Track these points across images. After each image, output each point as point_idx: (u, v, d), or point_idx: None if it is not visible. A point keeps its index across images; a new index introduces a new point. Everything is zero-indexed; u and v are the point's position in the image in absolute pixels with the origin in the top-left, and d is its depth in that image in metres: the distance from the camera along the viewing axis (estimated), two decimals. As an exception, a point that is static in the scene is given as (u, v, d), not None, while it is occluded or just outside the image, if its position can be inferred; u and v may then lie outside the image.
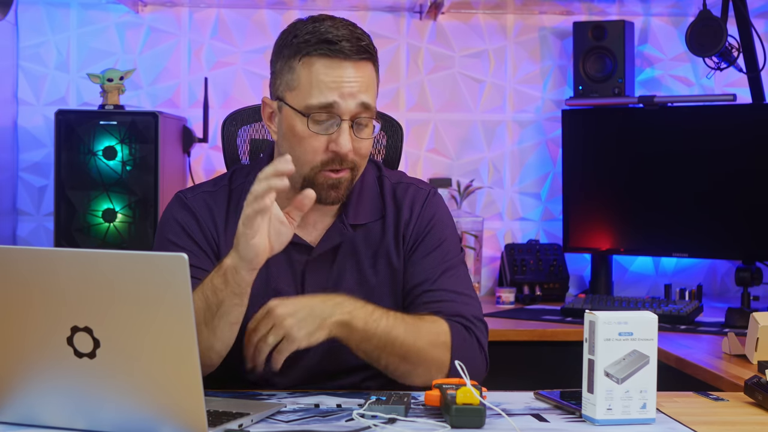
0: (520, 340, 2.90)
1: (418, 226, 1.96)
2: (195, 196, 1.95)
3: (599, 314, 1.58)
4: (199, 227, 1.92)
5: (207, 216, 1.92)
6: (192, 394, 1.41)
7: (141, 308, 1.40)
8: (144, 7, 3.54)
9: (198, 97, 3.50)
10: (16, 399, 1.50)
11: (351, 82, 1.82)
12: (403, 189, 1.99)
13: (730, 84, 3.57)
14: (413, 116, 3.62)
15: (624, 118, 3.44)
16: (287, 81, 1.85)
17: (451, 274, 1.94)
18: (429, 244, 1.95)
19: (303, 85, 1.83)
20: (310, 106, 1.82)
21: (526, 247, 3.56)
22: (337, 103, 1.81)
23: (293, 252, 1.90)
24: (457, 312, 1.89)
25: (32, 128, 3.51)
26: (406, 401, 1.61)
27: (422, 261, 1.94)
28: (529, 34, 3.66)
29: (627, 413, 1.59)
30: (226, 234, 1.91)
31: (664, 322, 2.92)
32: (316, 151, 1.83)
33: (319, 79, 1.82)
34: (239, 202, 1.87)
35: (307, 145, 1.83)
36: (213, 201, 1.94)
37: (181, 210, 1.93)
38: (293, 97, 1.84)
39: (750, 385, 1.77)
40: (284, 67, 1.86)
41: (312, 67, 1.83)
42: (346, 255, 1.93)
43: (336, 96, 1.81)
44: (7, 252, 1.47)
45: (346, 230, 1.92)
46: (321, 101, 1.81)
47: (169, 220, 1.94)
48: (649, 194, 3.36)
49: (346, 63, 1.82)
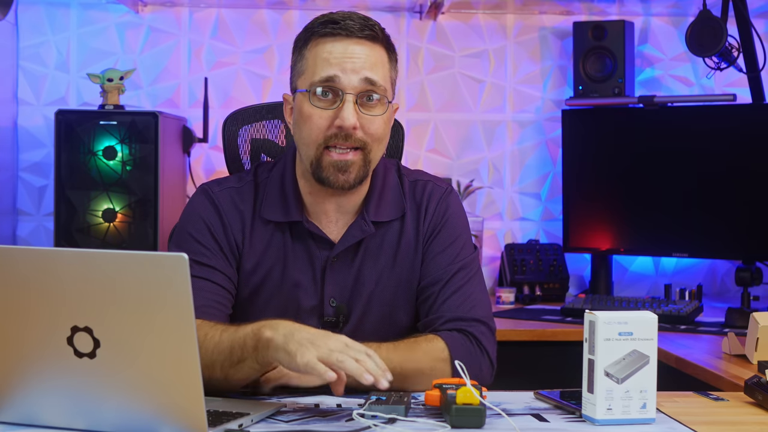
0: (520, 340, 2.90)
1: (433, 222, 1.95)
2: (222, 191, 1.94)
3: (599, 314, 1.58)
4: (222, 227, 1.91)
5: (232, 212, 1.92)
6: (192, 394, 1.41)
7: (141, 308, 1.40)
8: (144, 7, 3.54)
9: (198, 97, 3.50)
10: (16, 399, 1.50)
11: (354, 58, 1.82)
12: (421, 187, 1.98)
13: (730, 84, 3.57)
14: (413, 116, 3.62)
15: (624, 118, 3.44)
16: (298, 69, 1.88)
17: (464, 274, 1.92)
18: (442, 241, 1.94)
19: (309, 67, 1.85)
20: (313, 83, 1.83)
21: (526, 247, 3.56)
22: (338, 76, 1.81)
23: (314, 246, 1.90)
24: (459, 317, 1.87)
25: (32, 128, 3.51)
26: (406, 401, 1.61)
27: (435, 259, 1.93)
28: (529, 34, 3.66)
29: (627, 413, 1.59)
30: (252, 228, 1.91)
31: (664, 322, 2.93)
32: (321, 128, 1.83)
33: (323, 57, 1.83)
34: (264, 195, 1.91)
35: (313, 123, 1.83)
36: (239, 197, 1.93)
37: (208, 207, 1.92)
38: (302, 82, 1.86)
39: (750, 385, 1.77)
40: (297, 58, 1.88)
41: (317, 47, 1.84)
42: (366, 253, 1.93)
43: (337, 70, 1.81)
44: (7, 252, 1.47)
45: (368, 227, 1.91)
46: (322, 76, 1.82)
47: (192, 214, 1.92)
48: (649, 194, 3.36)
49: (350, 40, 1.83)
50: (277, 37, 3.58)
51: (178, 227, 1.95)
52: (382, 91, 1.84)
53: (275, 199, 1.92)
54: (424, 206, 1.96)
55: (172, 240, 1.94)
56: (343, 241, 1.91)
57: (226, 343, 1.70)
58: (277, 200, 1.92)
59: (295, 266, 1.90)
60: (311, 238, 1.90)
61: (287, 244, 1.91)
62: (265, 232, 1.92)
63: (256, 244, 1.91)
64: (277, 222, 1.91)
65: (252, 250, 1.91)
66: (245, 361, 1.67)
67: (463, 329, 1.86)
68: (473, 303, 1.90)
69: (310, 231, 1.90)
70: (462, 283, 1.91)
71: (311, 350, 1.56)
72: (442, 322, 1.88)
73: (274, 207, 1.92)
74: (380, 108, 1.85)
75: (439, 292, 1.90)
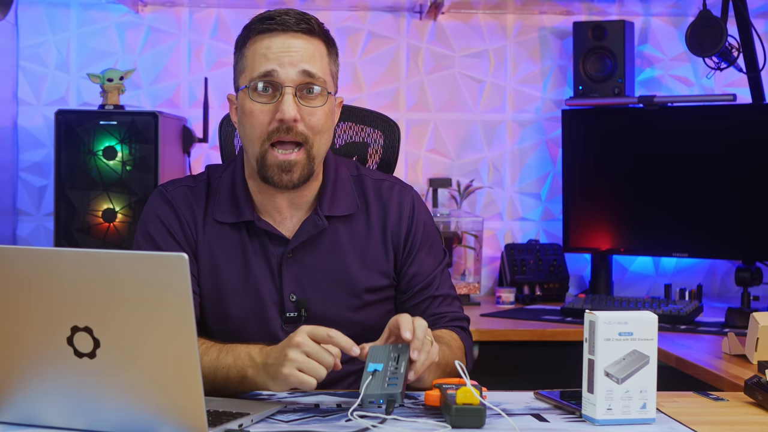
0: (520, 340, 2.90)
1: (414, 230, 1.99)
2: (175, 190, 1.97)
3: (599, 314, 1.58)
4: (179, 223, 1.94)
5: (187, 210, 1.95)
6: (192, 394, 1.41)
7: (141, 308, 1.40)
8: (144, 7, 3.54)
9: (198, 97, 3.50)
10: (16, 399, 1.50)
11: (291, 52, 1.84)
12: (388, 187, 2.01)
13: (730, 84, 3.57)
14: (413, 116, 3.62)
15: (624, 118, 3.44)
16: (240, 68, 1.90)
17: (445, 275, 2.03)
18: (425, 244, 2.00)
19: (249, 64, 1.87)
20: (252, 78, 1.85)
21: (526, 247, 3.56)
22: (276, 71, 1.83)
23: (269, 244, 1.92)
24: (459, 315, 2.02)
25: (32, 128, 3.51)
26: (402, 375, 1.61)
27: (422, 264, 1.99)
28: (529, 34, 3.66)
29: (627, 413, 1.59)
30: (205, 229, 1.93)
31: (664, 322, 2.93)
32: (263, 124, 1.84)
33: (261, 53, 1.85)
34: (215, 197, 1.95)
35: (255, 118, 1.85)
36: (193, 195, 1.96)
37: (163, 205, 1.95)
38: (243, 79, 1.88)
39: (750, 385, 1.77)
40: (238, 57, 1.91)
41: (255, 44, 1.87)
42: (322, 247, 1.94)
43: (275, 64, 1.83)
44: (7, 252, 1.47)
45: (321, 222, 1.92)
46: (261, 71, 1.84)
47: (150, 214, 1.96)
48: (649, 194, 3.36)
49: (286, 34, 1.85)
50: (277, 37, 3.57)
51: (138, 227, 1.98)
52: (322, 83, 1.86)
53: (226, 200, 1.94)
54: (395, 209, 1.98)
55: (135, 240, 1.97)
56: (297, 236, 1.92)
57: (207, 365, 1.74)
58: (228, 202, 1.94)
59: (254, 263, 1.92)
60: (266, 235, 1.92)
61: (245, 243, 1.93)
62: (220, 231, 1.93)
63: (212, 242, 1.93)
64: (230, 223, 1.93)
65: (207, 248, 1.93)
66: (229, 387, 1.73)
67: (464, 327, 2.01)
68: (459, 302, 2.05)
69: (263, 229, 1.91)
70: (449, 283, 2.04)
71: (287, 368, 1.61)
72: (447, 320, 1.99)
73: (225, 209, 1.94)
74: (320, 100, 1.86)
75: (434, 297, 1.99)
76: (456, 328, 1.99)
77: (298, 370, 1.61)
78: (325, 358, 1.61)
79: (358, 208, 1.97)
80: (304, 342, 1.62)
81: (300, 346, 1.62)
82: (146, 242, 1.93)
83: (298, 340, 1.62)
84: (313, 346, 1.62)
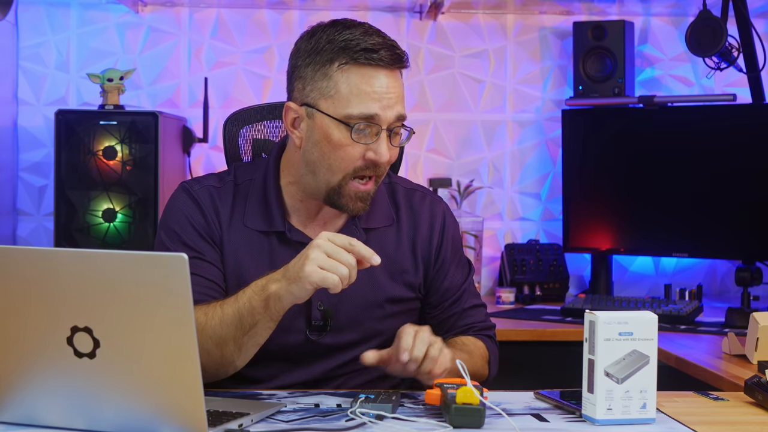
0: (520, 340, 2.90)
1: (444, 244, 2.00)
2: (201, 189, 1.94)
3: (599, 314, 1.58)
4: (204, 219, 1.91)
5: (211, 209, 1.92)
6: (192, 394, 1.41)
7: (141, 308, 1.40)
8: (144, 7, 3.54)
9: (198, 97, 3.50)
10: (16, 399, 1.50)
11: (390, 93, 1.81)
12: (419, 198, 2.01)
13: (730, 84, 3.57)
14: (413, 116, 3.62)
15: (624, 118, 3.44)
16: (321, 88, 1.82)
17: (472, 286, 2.06)
18: (454, 256, 2.02)
19: (342, 94, 1.80)
20: (351, 116, 1.80)
21: (526, 247, 3.56)
22: (378, 115, 1.80)
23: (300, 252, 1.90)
24: (486, 325, 2.05)
25: (32, 128, 3.51)
26: (394, 399, 1.63)
27: (453, 279, 2.01)
28: (529, 34, 3.66)
29: (627, 413, 1.59)
30: (230, 231, 1.91)
31: (664, 322, 2.93)
32: (353, 159, 1.82)
33: (361, 89, 1.80)
34: (245, 199, 1.92)
35: (345, 153, 1.82)
36: (218, 196, 1.93)
37: (188, 201, 1.92)
38: (330, 106, 1.81)
39: (750, 385, 1.77)
40: (317, 74, 1.82)
41: (351, 75, 1.80)
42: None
43: (378, 108, 1.80)
44: (7, 252, 1.47)
45: (360, 234, 1.91)
46: (363, 112, 1.79)
47: (173, 209, 1.93)
48: (649, 194, 3.36)
49: (385, 72, 1.81)
50: (277, 38, 3.58)
51: (160, 225, 1.95)
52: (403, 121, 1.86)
53: (257, 207, 1.91)
54: (426, 223, 1.99)
55: (158, 239, 1.93)
56: None
57: (231, 314, 1.73)
58: (260, 209, 1.91)
59: None
60: (299, 243, 1.88)
61: (273, 249, 1.90)
62: (247, 234, 1.91)
63: (236, 244, 1.90)
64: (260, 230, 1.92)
65: (232, 250, 1.90)
66: (258, 323, 1.72)
67: (490, 336, 2.05)
68: (485, 311, 2.07)
69: (295, 240, 1.89)
70: (475, 291, 2.06)
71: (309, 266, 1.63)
72: (476, 330, 2.02)
73: (256, 216, 1.91)
74: (400, 138, 1.87)
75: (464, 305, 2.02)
76: (482, 336, 2.01)
77: (319, 268, 1.63)
78: (345, 258, 1.64)
79: (393, 220, 1.97)
80: (324, 243, 1.64)
81: (320, 247, 1.64)
82: (170, 239, 1.90)
83: (318, 242, 1.65)
84: (332, 246, 1.64)
